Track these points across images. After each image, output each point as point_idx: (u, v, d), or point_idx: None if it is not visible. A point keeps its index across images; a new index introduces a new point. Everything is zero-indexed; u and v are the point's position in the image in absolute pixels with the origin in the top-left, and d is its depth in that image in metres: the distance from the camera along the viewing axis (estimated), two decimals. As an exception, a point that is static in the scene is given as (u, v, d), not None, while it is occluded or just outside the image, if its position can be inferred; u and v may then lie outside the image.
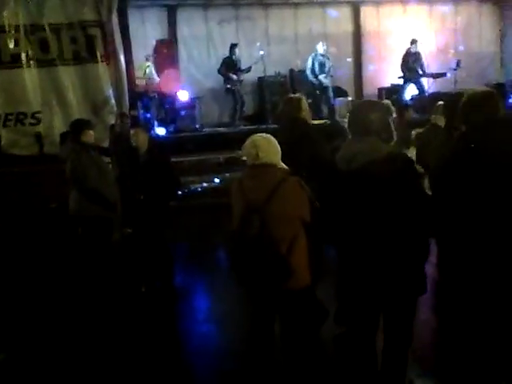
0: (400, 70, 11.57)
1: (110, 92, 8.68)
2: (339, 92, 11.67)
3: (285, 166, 3.32)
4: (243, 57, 11.12)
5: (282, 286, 3.15)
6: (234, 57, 10.88)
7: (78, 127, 5.44)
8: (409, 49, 11.47)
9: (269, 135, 3.38)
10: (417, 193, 2.82)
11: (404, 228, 2.78)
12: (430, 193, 3.36)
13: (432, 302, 4.21)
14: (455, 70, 11.43)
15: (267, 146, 3.27)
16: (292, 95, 5.00)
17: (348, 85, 12.51)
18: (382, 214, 2.79)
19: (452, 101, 4.49)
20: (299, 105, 4.44)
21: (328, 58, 11.01)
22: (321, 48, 10.93)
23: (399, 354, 3.06)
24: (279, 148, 3.31)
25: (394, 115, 3.05)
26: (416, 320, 3.05)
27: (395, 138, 2.96)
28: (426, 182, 3.90)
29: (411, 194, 2.79)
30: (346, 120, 3.14)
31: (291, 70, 12.17)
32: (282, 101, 4.85)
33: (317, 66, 10.91)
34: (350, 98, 11.83)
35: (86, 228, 5.33)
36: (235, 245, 3.19)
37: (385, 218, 2.79)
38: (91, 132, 5.43)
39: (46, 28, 8.29)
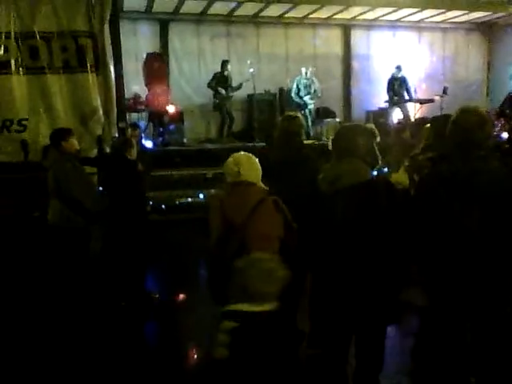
0: (387, 94, 11.74)
1: (99, 103, 8.63)
2: (327, 112, 11.77)
3: (263, 185, 3.33)
4: (233, 73, 11.18)
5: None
6: (225, 73, 10.95)
7: (58, 136, 5.39)
8: (393, 74, 11.67)
9: (250, 154, 3.40)
10: (397, 220, 2.83)
11: (382, 253, 2.79)
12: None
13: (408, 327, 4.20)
14: (442, 96, 11.58)
15: (249, 164, 3.29)
16: (290, 112, 4.79)
17: (336, 106, 12.62)
18: (361, 238, 2.80)
19: (438, 122, 4.48)
20: (300, 122, 4.33)
21: (313, 81, 11.15)
22: (304, 72, 11.16)
23: (370, 379, 3.05)
24: (260, 167, 3.33)
25: (378, 139, 3.06)
26: (391, 345, 3.06)
27: (380, 162, 2.98)
28: None
29: (392, 220, 2.80)
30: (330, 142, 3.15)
31: (281, 89, 12.25)
32: (281, 118, 4.66)
33: (302, 87, 11.10)
34: (337, 120, 11.92)
35: (64, 239, 5.26)
36: (213, 263, 3.18)
37: (364, 241, 2.79)
38: (74, 140, 5.39)
39: (37, 36, 8.28)
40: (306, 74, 11.20)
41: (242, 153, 3.41)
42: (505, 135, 5.57)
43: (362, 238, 2.81)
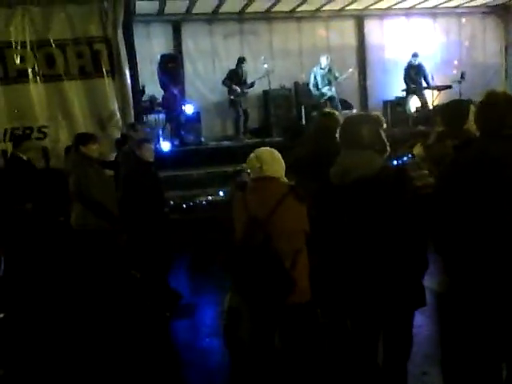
0: (404, 82, 11.62)
1: (116, 106, 8.73)
2: (344, 104, 11.68)
3: (286, 179, 3.32)
4: (248, 70, 11.18)
5: (284, 300, 3.14)
6: (240, 70, 10.96)
7: (81, 140, 5.47)
8: (410, 61, 11.52)
9: (273, 149, 3.39)
10: (411, 208, 2.79)
11: (398, 242, 2.76)
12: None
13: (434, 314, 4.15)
14: (460, 82, 11.41)
15: (271, 159, 3.28)
16: (327, 109, 4.77)
17: (353, 97, 12.53)
18: (375, 228, 2.77)
19: (451, 108, 4.37)
20: (337, 118, 4.21)
21: (330, 70, 11.05)
22: (324, 61, 11.00)
23: (398, 367, 3.03)
24: (283, 161, 3.32)
25: (385, 126, 3.03)
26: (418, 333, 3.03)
27: (388, 149, 2.95)
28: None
29: (405, 209, 2.76)
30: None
31: (296, 83, 12.22)
32: (319, 114, 4.57)
33: (319, 79, 11.00)
34: (355, 111, 11.83)
35: (90, 242, 5.30)
36: (238, 258, 3.19)
37: (379, 232, 2.77)
38: (94, 146, 5.45)
39: (52, 44, 8.39)
40: (324, 63, 11.00)
41: (265, 148, 3.40)
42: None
43: (377, 228, 2.79)
